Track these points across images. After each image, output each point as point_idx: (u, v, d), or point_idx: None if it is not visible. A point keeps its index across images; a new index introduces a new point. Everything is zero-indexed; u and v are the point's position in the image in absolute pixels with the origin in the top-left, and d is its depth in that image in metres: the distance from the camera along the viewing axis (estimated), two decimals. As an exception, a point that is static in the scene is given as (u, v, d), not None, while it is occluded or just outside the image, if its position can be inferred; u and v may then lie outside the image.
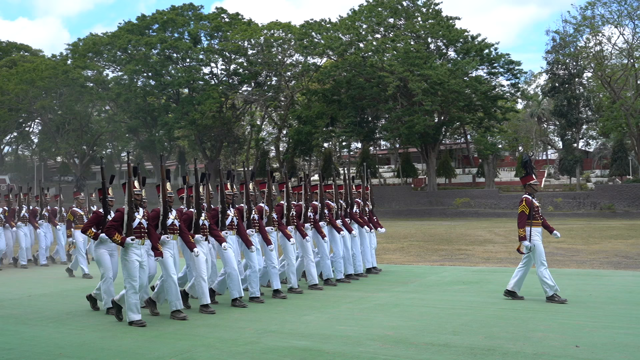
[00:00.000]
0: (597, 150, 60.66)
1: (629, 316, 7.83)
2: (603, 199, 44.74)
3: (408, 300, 9.40)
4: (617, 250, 19.43)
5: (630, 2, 44.74)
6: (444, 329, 7.21)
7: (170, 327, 7.67)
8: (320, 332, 7.18)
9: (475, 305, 8.84)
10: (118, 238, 7.64)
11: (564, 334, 6.83)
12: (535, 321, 7.58)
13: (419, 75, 46.21)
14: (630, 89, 48.53)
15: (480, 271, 13.33)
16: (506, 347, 6.23)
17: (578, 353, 5.98)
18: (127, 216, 7.67)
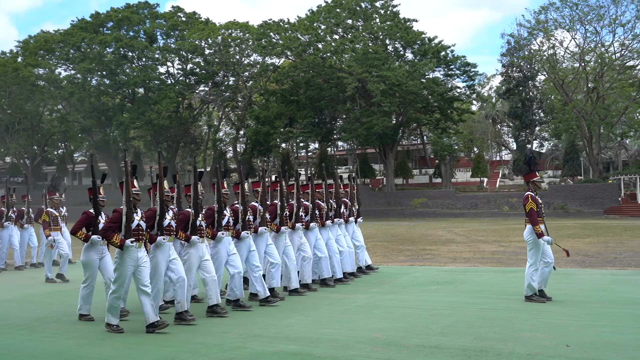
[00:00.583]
0: (549, 151, 62.03)
1: (610, 314, 7.92)
2: (556, 199, 45.73)
3: (387, 301, 9.33)
4: (577, 249, 19.80)
5: (582, 7, 45.89)
6: (431, 330, 7.15)
7: (149, 333, 7.40)
8: (307, 335, 7.04)
9: (455, 306, 8.82)
10: (117, 240, 7.24)
11: (551, 333, 6.85)
12: (519, 321, 7.60)
13: (378, 77, 46.44)
14: (581, 91, 49.79)
15: (452, 271, 13.38)
16: (498, 348, 6.20)
17: (570, 353, 5.98)
18: (125, 217, 7.30)
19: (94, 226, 8.20)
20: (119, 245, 7.24)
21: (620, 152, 57.82)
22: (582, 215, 42.38)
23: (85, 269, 8.30)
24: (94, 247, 8.21)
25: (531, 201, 9.00)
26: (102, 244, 8.28)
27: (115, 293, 7.36)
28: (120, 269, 7.31)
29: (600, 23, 46.26)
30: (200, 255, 8.10)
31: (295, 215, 10.14)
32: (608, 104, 46.54)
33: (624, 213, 41.93)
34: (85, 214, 8.33)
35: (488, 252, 19.13)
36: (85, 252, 8.25)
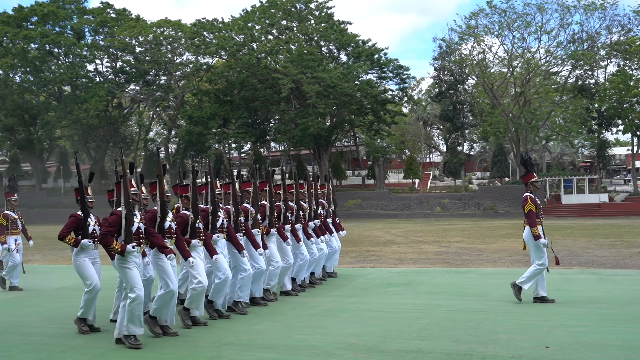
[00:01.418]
0: (478, 153, 63.75)
1: (575, 314, 8.05)
2: (486, 199, 47.02)
3: (352, 304, 9.20)
4: (515, 248, 20.27)
5: (510, 14, 47.38)
6: (407, 334, 7.07)
7: (118, 348, 7.00)
8: (282, 342, 6.82)
9: (421, 308, 8.79)
10: (117, 246, 6.65)
11: (526, 334, 6.89)
12: (490, 322, 7.62)
13: (313, 78, 46.49)
14: (509, 96, 51.41)
15: (404, 273, 13.41)
16: (480, 351, 6.17)
17: (552, 354, 6.02)
18: (125, 220, 6.75)
19: (84, 229, 7.60)
20: (120, 251, 6.66)
21: (544, 154, 60.09)
22: (511, 216, 43.65)
23: (82, 275, 7.65)
24: (85, 251, 7.60)
25: (530, 202, 9.00)
26: (93, 248, 7.67)
27: (136, 300, 6.65)
28: (129, 272, 6.70)
29: (527, 30, 47.92)
30: (201, 259, 7.68)
31: (283, 216, 9.87)
32: (534, 108, 48.22)
33: (550, 213, 43.45)
34: (73, 216, 7.71)
35: (431, 252, 19.36)
36: (76, 258, 7.62)
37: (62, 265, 17.20)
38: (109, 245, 6.67)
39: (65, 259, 19.06)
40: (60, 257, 19.67)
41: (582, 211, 43.06)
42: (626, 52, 46.71)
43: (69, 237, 7.57)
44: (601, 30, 47.61)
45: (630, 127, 46.48)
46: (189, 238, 7.59)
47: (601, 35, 47.89)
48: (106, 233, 6.73)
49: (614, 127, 48.97)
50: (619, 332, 6.94)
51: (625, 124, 46.70)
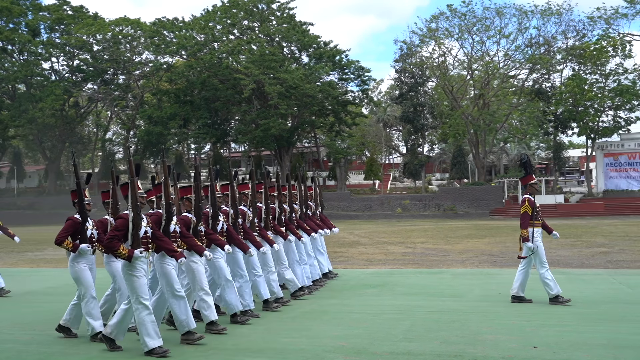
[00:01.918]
0: (437, 155, 64.50)
1: (555, 314, 8.17)
2: (446, 200, 47.54)
3: (332, 306, 9.15)
4: (479, 249, 20.60)
5: (469, 18, 48.07)
6: (393, 335, 7.05)
7: (99, 355, 6.80)
8: (269, 346, 6.72)
9: (402, 309, 8.79)
10: (124, 251, 6.33)
11: (511, 334, 6.95)
12: (473, 323, 7.66)
13: (275, 79, 46.34)
14: (468, 98, 52.15)
15: (377, 273, 13.43)
16: (470, 352, 6.19)
17: (541, 354, 6.07)
18: (132, 224, 6.44)
19: (82, 233, 7.27)
20: (127, 257, 6.33)
21: (502, 156, 61.14)
22: (470, 217, 44.26)
23: (78, 283, 7.30)
24: (83, 257, 7.27)
25: (527, 205, 9.04)
26: (91, 254, 7.36)
27: (145, 310, 6.34)
28: (136, 280, 6.37)
29: (486, 34, 48.67)
30: (203, 263, 7.44)
31: (278, 219, 9.71)
32: (493, 111, 49.00)
33: (508, 214, 44.19)
34: (70, 220, 7.34)
35: (398, 253, 19.46)
36: (73, 264, 7.27)
37: (23, 268, 16.72)
38: (115, 250, 6.35)
39: (25, 262, 18.54)
40: (19, 260, 19.13)
41: (540, 212, 43.89)
42: (581, 57, 47.83)
43: (67, 241, 7.19)
44: (557, 35, 48.74)
45: (584, 130, 47.61)
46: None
47: (557, 40, 49.02)
48: (112, 237, 6.38)
49: (569, 129, 50.11)
50: (601, 331, 7.06)
51: (580, 127, 47.81)
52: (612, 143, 48.43)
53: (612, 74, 47.21)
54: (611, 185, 48.08)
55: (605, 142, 48.41)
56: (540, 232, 9.14)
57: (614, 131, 47.70)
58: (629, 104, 46.66)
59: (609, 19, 47.39)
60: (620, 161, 47.97)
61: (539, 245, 9.00)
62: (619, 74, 46.98)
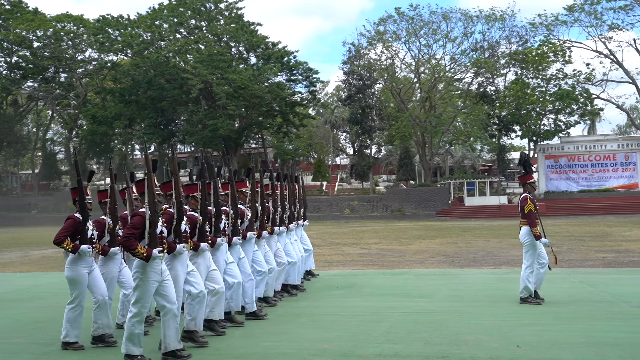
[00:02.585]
0: (384, 156, 65.11)
1: (529, 313, 8.28)
2: (393, 202, 48.05)
3: (305, 309, 9.05)
4: (434, 249, 20.86)
5: (417, 21, 48.75)
6: (375, 338, 7.00)
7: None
8: (251, 350, 6.57)
9: (376, 311, 8.77)
10: (142, 250, 5.96)
11: (491, 335, 7.00)
12: (451, 324, 7.68)
13: (223, 79, 45.91)
14: (415, 100, 52.88)
15: (341, 275, 13.40)
16: (457, 353, 6.20)
17: (526, 354, 6.12)
18: (149, 222, 6.06)
19: (82, 234, 6.86)
20: (146, 257, 5.97)
21: (447, 158, 62.21)
22: (418, 217, 44.85)
23: (72, 286, 6.90)
24: (83, 259, 6.85)
25: (530, 203, 9.07)
26: (91, 255, 6.93)
27: (137, 316, 6.04)
28: (143, 286, 6.05)
29: (433, 37, 49.49)
30: (207, 265, 7.13)
31: (273, 218, 9.47)
32: (439, 113, 49.83)
33: (454, 215, 45.03)
34: (71, 219, 6.90)
35: (355, 254, 19.51)
36: (72, 266, 6.85)
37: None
38: (133, 249, 5.97)
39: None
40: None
41: (484, 212, 44.84)
42: (523, 62, 49.21)
43: (66, 242, 6.77)
44: (501, 40, 49.99)
45: (527, 133, 48.96)
46: (197, 241, 7.00)
47: (501, 44, 50.28)
48: (129, 236, 6.01)
49: (512, 132, 51.45)
50: (577, 329, 7.19)
51: (523, 130, 49.15)
52: (552, 146, 49.95)
53: (553, 79, 48.72)
54: (552, 186, 49.57)
55: (546, 144, 49.89)
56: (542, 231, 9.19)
57: (555, 134, 49.25)
58: (569, 108, 48.28)
59: (549, 25, 48.98)
60: (561, 163, 49.52)
61: (538, 243, 9.05)
62: (560, 78, 48.55)
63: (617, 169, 48.57)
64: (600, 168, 48.85)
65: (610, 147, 48.73)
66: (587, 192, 48.00)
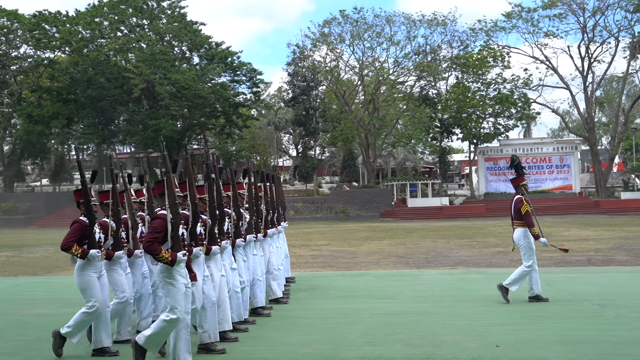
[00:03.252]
0: (327, 158, 65.41)
1: (497, 312, 8.43)
2: (337, 203, 48.29)
3: (274, 312, 8.92)
4: (384, 250, 21.05)
5: (361, 24, 49.16)
6: (353, 340, 6.97)
7: None
8: (230, 355, 6.42)
9: (346, 313, 8.74)
10: (167, 255, 5.66)
11: (467, 335, 7.08)
12: (425, 324, 7.73)
13: (166, 79, 45.14)
14: (359, 103, 53.30)
15: (302, 277, 13.31)
16: (441, 355, 6.22)
17: (507, 353, 6.21)
18: (171, 225, 5.77)
19: (89, 238, 6.48)
20: (170, 261, 5.69)
21: (389, 160, 63.00)
22: (362, 219, 45.19)
23: (85, 294, 6.50)
24: (92, 264, 6.48)
25: (526, 204, 9.21)
26: (100, 260, 6.57)
27: (174, 323, 5.75)
28: (174, 290, 5.74)
29: (377, 40, 50.01)
30: (219, 269, 6.84)
31: (265, 221, 9.18)
32: (383, 116, 50.38)
33: (397, 216, 45.59)
34: (77, 222, 6.51)
35: (308, 256, 19.47)
36: (81, 272, 6.47)
37: None
38: (157, 254, 5.69)
39: None
40: None
41: (427, 214, 45.56)
42: (464, 66, 50.29)
43: (74, 247, 6.40)
44: (443, 44, 50.94)
45: (468, 136, 50.00)
46: (208, 245, 6.68)
47: (442, 49, 51.23)
48: (153, 240, 5.72)
49: (454, 135, 52.50)
50: (549, 328, 7.35)
51: (464, 133, 50.18)
52: (492, 148, 51.22)
53: (492, 83, 49.95)
54: (491, 188, 50.82)
55: (486, 147, 51.11)
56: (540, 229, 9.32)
57: (494, 137, 50.48)
58: (508, 112, 49.61)
59: (489, 31, 50.23)
60: (500, 165, 50.82)
61: (532, 242, 9.21)
62: (499, 83, 49.83)
63: (552, 171, 50.23)
64: (537, 170, 50.41)
65: (546, 150, 50.36)
66: (525, 194, 49.34)
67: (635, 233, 25.45)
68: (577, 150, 50.30)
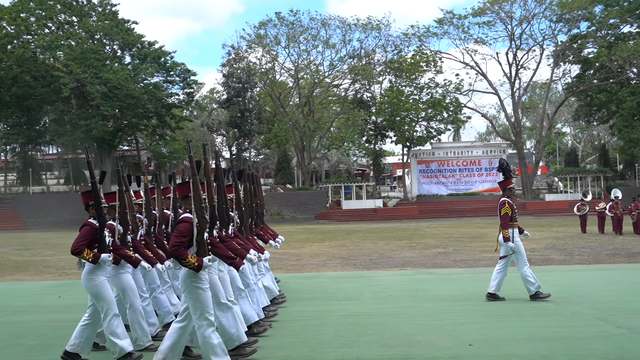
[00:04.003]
0: (261, 160, 65.13)
1: (460, 312, 8.61)
2: (273, 205, 48.15)
3: (238, 316, 8.87)
4: (327, 252, 21.16)
5: (297, 27, 49.24)
6: (327, 342, 6.97)
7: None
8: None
9: (312, 315, 8.73)
10: (193, 260, 5.45)
11: (438, 334, 7.21)
12: (394, 325, 7.80)
13: (97, 78, 43.89)
14: (294, 105, 53.36)
15: (254, 280, 13.21)
16: (419, 355, 6.28)
17: (483, 351, 6.34)
18: (197, 229, 5.55)
19: (100, 241, 6.15)
20: (197, 266, 5.49)
21: (323, 162, 63.32)
22: (297, 221, 45.26)
23: (97, 299, 6.18)
24: (101, 268, 6.17)
25: (507, 206, 9.38)
26: (109, 265, 6.26)
27: (209, 327, 5.60)
28: (203, 294, 5.59)
29: (313, 43, 50.21)
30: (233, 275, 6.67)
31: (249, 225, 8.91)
32: (318, 118, 50.64)
33: (332, 218, 45.88)
34: (87, 225, 6.18)
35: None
36: (91, 277, 6.15)
37: None
38: (183, 259, 5.48)
39: None
40: None
41: (361, 216, 46.09)
42: (398, 70, 51.13)
43: (85, 251, 6.08)
44: (377, 48, 51.64)
45: (401, 139, 50.83)
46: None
47: (377, 52, 51.94)
48: (179, 244, 5.51)
49: (387, 138, 53.28)
50: (514, 326, 7.57)
51: (398, 136, 50.98)
52: (424, 151, 52.30)
53: (425, 88, 51.02)
54: (423, 190, 51.89)
55: (419, 150, 52.15)
56: (517, 233, 9.55)
57: (427, 140, 51.55)
58: (440, 116, 50.75)
59: (421, 36, 51.26)
60: (432, 168, 52.01)
61: (519, 244, 9.42)
62: (431, 87, 50.94)
63: (482, 174, 51.76)
64: (467, 173, 51.85)
65: (476, 153, 51.84)
66: (456, 196, 50.72)
67: (563, 233, 26.57)
68: (505, 153, 51.98)
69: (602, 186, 49.17)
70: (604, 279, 11.57)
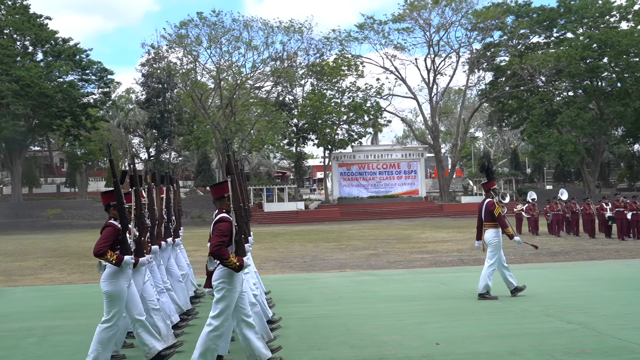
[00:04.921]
0: (181, 162, 64.01)
1: (416, 311, 8.83)
2: (194, 208, 47.63)
3: (197, 320, 8.72)
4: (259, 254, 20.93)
5: (219, 27, 48.69)
6: (296, 345, 6.95)
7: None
8: (180, 367, 6.23)
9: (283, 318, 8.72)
10: (235, 259, 5.32)
11: (402, 334, 7.34)
12: (355, 326, 7.86)
13: (8, 75, 41.87)
14: (216, 106, 52.75)
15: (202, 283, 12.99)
16: (392, 355, 6.38)
17: (453, 349, 6.52)
18: (236, 229, 5.40)
19: (122, 243, 5.83)
20: (238, 267, 5.37)
21: (244, 164, 62.88)
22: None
23: (112, 303, 5.85)
24: (123, 271, 5.84)
25: (498, 207, 9.55)
26: (131, 267, 5.94)
27: (217, 330, 5.49)
28: (230, 297, 5.49)
29: (235, 45, 49.78)
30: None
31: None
32: (240, 120, 50.28)
33: (254, 220, 45.42)
34: (110, 226, 5.90)
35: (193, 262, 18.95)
36: (113, 280, 5.83)
37: None
38: (226, 259, 5.36)
39: None
40: None
41: (283, 218, 46.15)
42: (320, 73, 51.54)
43: (109, 253, 5.79)
44: (299, 51, 51.81)
45: (323, 142, 51.23)
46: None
47: (299, 55, 52.11)
48: (221, 244, 5.39)
49: (309, 141, 53.58)
50: (472, 324, 7.81)
51: (320, 138, 51.34)
52: (345, 154, 52.93)
53: (347, 91, 51.68)
54: (344, 192, 52.53)
55: (340, 153, 52.72)
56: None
57: (348, 143, 52.19)
58: (361, 119, 51.54)
59: (342, 40, 51.91)
60: (352, 171, 52.72)
61: (500, 244, 9.63)
62: (353, 91, 51.66)
63: (401, 177, 52.93)
64: (387, 176, 52.88)
65: (395, 157, 52.95)
66: (376, 198, 51.64)
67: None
68: (422, 157, 53.38)
69: (514, 189, 51.42)
70: (539, 278, 12.10)
